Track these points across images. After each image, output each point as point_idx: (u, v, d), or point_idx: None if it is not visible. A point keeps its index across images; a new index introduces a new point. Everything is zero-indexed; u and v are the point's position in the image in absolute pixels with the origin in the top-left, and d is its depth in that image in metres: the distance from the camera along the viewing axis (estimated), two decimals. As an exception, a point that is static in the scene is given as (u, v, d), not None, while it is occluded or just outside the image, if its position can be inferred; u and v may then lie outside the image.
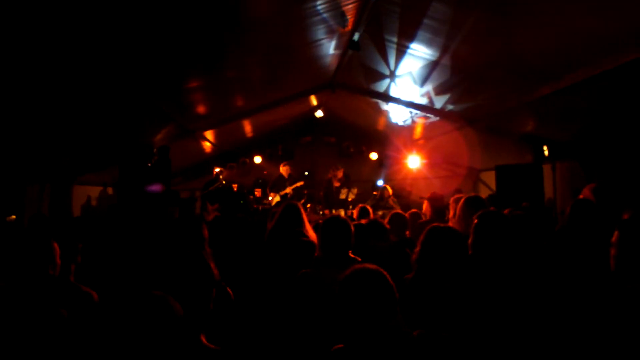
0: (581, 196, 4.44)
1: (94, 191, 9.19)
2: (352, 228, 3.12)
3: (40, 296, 2.57)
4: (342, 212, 9.95)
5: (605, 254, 2.47)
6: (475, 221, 2.82)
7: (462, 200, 4.25)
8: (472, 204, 4.11)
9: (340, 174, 10.74)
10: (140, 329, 1.56)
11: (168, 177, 8.27)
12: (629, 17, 3.97)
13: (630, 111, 5.60)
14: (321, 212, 10.23)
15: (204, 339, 1.92)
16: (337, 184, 10.72)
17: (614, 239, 2.38)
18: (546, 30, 4.61)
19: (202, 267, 2.07)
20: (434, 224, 3.01)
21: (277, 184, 11.19)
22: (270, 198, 11.12)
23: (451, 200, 4.88)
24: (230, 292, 2.69)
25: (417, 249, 2.92)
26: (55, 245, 2.81)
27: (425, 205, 5.85)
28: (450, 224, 4.33)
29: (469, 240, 2.80)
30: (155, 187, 7.65)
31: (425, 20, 5.22)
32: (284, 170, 11.21)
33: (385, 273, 1.97)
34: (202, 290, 2.02)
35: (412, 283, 2.80)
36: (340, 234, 3.02)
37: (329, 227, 3.09)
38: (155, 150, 8.04)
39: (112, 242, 4.48)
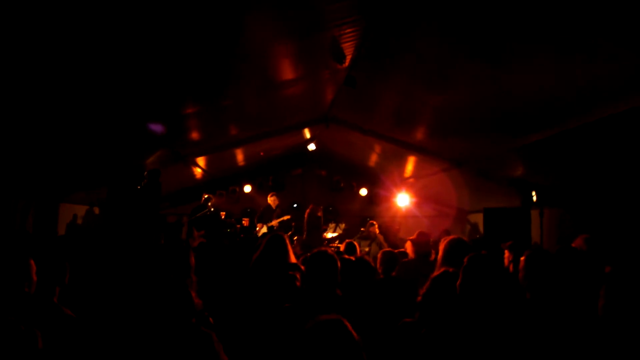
0: (574, 244, 4.47)
1: (81, 210, 9.09)
2: (339, 264, 3.10)
3: (16, 314, 2.50)
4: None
5: (592, 303, 2.51)
6: (465, 263, 2.83)
7: (444, 243, 4.26)
8: (454, 247, 4.12)
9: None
10: None
11: (157, 201, 8.21)
12: (618, 69, 4.10)
13: (619, 161, 5.70)
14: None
15: None
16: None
17: (602, 291, 2.42)
18: (537, 78, 4.73)
19: (182, 297, 2.03)
20: (444, 269, 3.01)
21: (265, 214, 11.14)
22: (257, 228, 11.06)
23: (441, 241, 4.88)
24: (212, 321, 2.65)
25: (423, 292, 2.92)
26: (32, 262, 2.76)
27: (408, 246, 5.83)
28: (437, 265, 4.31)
29: (457, 282, 2.80)
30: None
31: (419, 64, 5.35)
32: (271, 200, 11.19)
33: (348, 326, 1.88)
34: (180, 319, 1.98)
35: (415, 327, 2.77)
36: (327, 270, 2.99)
37: (316, 262, 3.06)
38: (145, 173, 8.00)
39: (95, 265, 4.41)
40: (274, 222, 10.84)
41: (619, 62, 4.01)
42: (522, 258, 3.18)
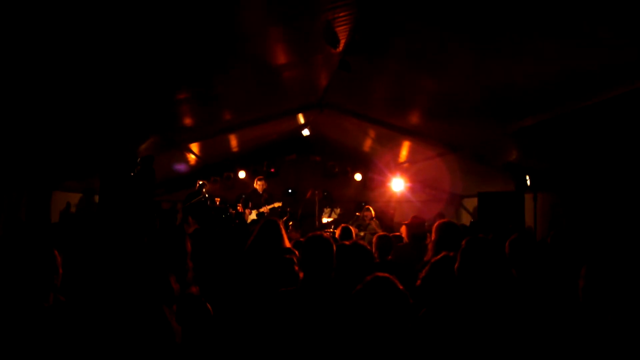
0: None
1: (74, 197, 9.06)
2: (335, 248, 3.10)
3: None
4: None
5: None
6: (463, 246, 2.86)
7: (434, 226, 4.29)
8: (445, 230, 4.16)
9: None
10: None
11: (151, 187, 8.18)
12: (611, 55, 4.10)
13: (612, 145, 5.73)
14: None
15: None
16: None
17: (582, 272, 2.48)
18: (531, 63, 4.73)
19: (158, 283, 2.03)
20: (445, 253, 3.04)
21: (251, 198, 10.84)
22: (246, 214, 10.82)
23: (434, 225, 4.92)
24: (210, 308, 2.65)
25: (422, 275, 2.95)
26: (57, 253, 2.69)
27: (403, 231, 5.87)
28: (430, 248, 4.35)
29: (455, 265, 2.83)
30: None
31: (413, 49, 5.33)
32: (259, 185, 10.89)
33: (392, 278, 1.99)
34: (160, 304, 1.99)
35: (415, 309, 2.80)
36: (322, 254, 2.99)
37: (311, 247, 3.06)
38: (138, 159, 7.96)
39: (85, 252, 4.40)
40: (265, 209, 10.65)
41: (610, 49, 4.02)
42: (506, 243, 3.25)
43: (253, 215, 10.57)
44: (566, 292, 2.95)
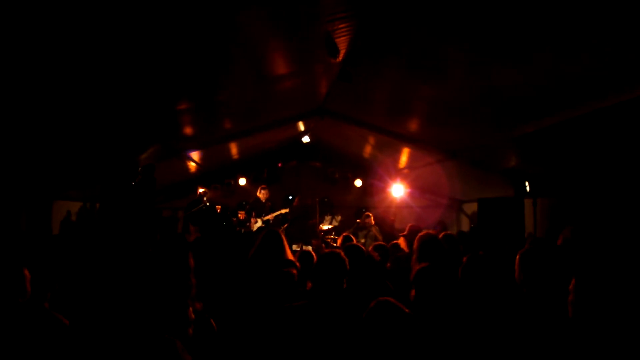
0: (560, 237, 4.52)
1: (75, 206, 9.06)
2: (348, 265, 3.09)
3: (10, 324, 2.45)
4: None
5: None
6: (464, 263, 2.88)
7: (416, 239, 4.26)
8: (425, 245, 4.13)
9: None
10: None
11: (152, 196, 8.19)
12: (608, 65, 4.14)
13: (610, 152, 5.76)
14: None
15: None
16: None
17: (571, 286, 2.46)
18: (530, 70, 4.76)
19: (177, 305, 2.04)
20: (418, 266, 3.04)
21: (255, 208, 10.90)
22: (252, 221, 10.87)
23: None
24: (214, 324, 2.65)
25: (413, 292, 2.96)
26: (26, 272, 2.68)
27: (401, 242, 5.86)
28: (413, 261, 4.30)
29: (454, 280, 2.85)
30: None
31: (413, 57, 5.35)
32: (262, 194, 10.95)
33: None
34: (175, 324, 2.00)
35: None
36: (337, 272, 2.99)
37: (326, 264, 3.04)
38: (140, 168, 7.97)
39: (88, 265, 4.38)
40: (270, 216, 10.67)
41: (608, 58, 4.05)
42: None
43: (259, 223, 10.58)
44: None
